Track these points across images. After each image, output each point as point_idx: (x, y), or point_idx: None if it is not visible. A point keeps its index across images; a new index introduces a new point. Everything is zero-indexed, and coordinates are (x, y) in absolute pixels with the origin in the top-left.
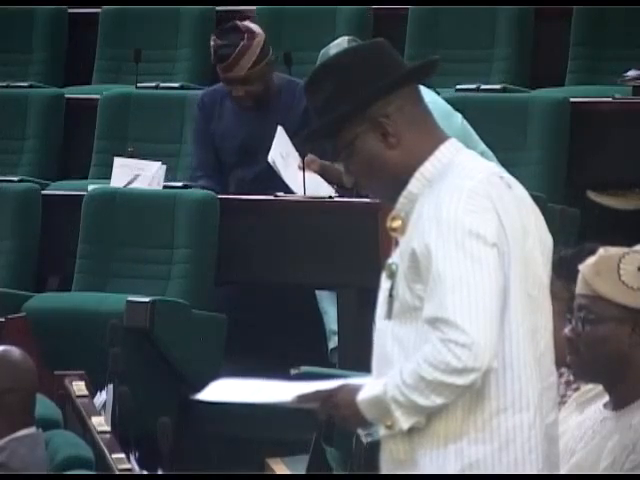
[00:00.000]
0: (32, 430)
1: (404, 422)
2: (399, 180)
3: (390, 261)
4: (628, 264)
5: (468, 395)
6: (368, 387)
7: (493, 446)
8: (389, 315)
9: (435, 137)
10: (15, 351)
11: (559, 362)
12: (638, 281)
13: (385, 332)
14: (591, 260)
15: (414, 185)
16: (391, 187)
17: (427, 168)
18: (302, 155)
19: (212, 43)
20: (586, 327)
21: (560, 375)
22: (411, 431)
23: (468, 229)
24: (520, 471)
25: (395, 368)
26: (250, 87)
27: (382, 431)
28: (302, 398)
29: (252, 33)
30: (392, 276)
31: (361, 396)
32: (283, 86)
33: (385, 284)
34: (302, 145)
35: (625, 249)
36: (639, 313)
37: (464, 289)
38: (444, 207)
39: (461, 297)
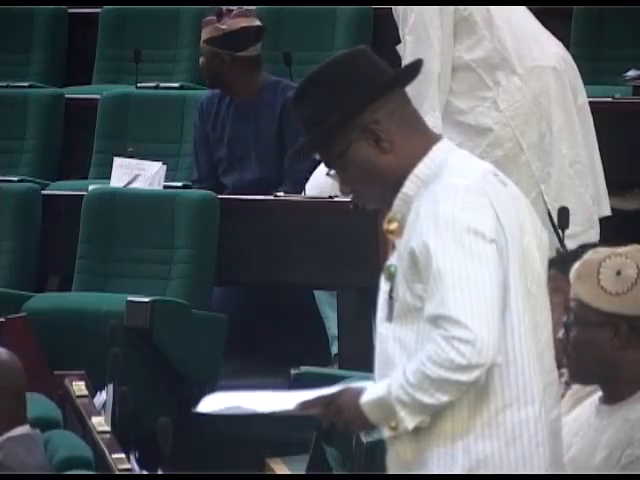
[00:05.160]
0: (27, 429)
1: (409, 422)
2: (394, 184)
3: (388, 263)
4: (608, 268)
5: (473, 392)
6: (371, 389)
7: (500, 442)
8: (390, 317)
9: (427, 138)
10: (1, 351)
11: (558, 362)
12: (617, 286)
13: (386, 335)
14: (577, 263)
15: (409, 187)
16: (387, 191)
17: (421, 169)
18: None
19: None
20: (571, 330)
21: (560, 375)
22: (417, 431)
23: (466, 226)
24: (528, 466)
25: (398, 369)
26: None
27: (386, 432)
28: (304, 405)
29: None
30: (391, 278)
31: (364, 398)
32: (266, 86)
33: (384, 286)
34: (295, 158)
35: (611, 251)
36: (620, 318)
37: (465, 286)
38: (441, 205)
39: (462, 294)
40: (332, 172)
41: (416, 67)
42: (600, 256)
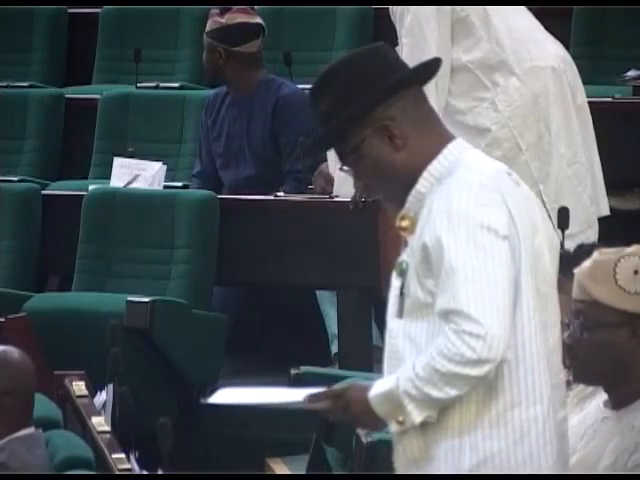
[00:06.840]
0: (31, 430)
1: (416, 416)
2: (407, 181)
3: (400, 259)
4: (624, 268)
5: (482, 389)
6: (379, 383)
7: (508, 440)
8: (400, 313)
9: (441, 136)
10: (14, 352)
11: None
12: (635, 285)
13: (397, 331)
14: (586, 264)
15: (422, 185)
16: (400, 188)
17: (435, 167)
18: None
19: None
20: (585, 334)
21: None
22: (425, 427)
23: (479, 222)
24: (535, 465)
25: (407, 363)
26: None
27: (393, 427)
28: (313, 397)
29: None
30: (402, 274)
31: (373, 392)
32: (262, 84)
33: (396, 282)
34: (309, 154)
35: (620, 250)
36: (637, 317)
37: (477, 281)
38: (455, 201)
39: (474, 289)
40: (346, 167)
41: (433, 65)
42: (613, 257)
